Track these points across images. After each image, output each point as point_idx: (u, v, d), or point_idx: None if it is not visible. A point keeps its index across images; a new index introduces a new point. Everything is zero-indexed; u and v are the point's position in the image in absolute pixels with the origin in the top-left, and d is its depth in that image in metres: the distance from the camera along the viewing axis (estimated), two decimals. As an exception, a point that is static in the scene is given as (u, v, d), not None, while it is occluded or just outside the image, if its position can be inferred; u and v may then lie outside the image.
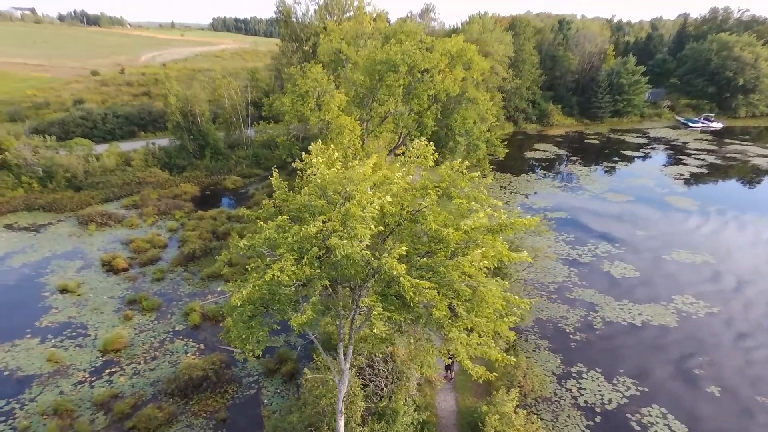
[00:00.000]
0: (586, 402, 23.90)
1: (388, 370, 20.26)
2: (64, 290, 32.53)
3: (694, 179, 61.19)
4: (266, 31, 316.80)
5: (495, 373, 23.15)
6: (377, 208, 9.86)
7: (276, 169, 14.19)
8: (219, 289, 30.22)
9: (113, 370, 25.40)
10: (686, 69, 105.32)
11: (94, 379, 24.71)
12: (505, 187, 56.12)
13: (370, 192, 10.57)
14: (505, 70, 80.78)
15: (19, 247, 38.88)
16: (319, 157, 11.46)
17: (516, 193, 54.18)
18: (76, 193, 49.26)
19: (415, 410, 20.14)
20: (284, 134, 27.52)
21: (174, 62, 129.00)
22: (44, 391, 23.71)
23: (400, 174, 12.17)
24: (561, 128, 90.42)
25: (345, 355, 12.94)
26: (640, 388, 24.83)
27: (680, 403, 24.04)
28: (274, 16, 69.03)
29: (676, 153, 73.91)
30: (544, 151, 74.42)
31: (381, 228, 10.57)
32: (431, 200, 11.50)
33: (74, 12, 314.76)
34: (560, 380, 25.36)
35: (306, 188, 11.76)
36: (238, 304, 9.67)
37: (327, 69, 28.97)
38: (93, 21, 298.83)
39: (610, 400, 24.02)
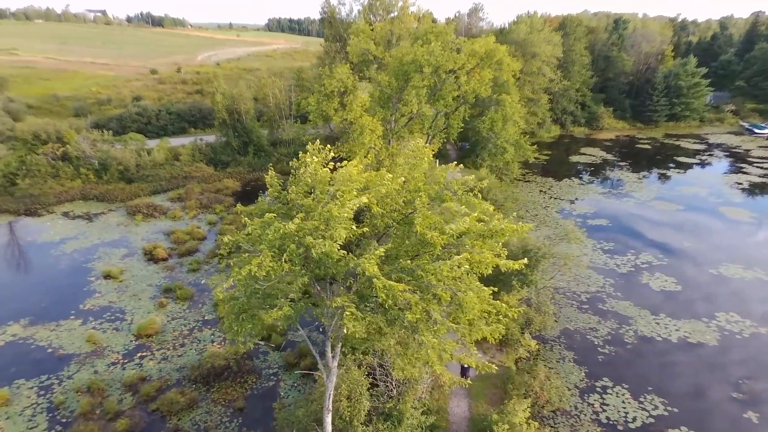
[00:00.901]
0: (608, 418, 22.92)
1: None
2: (107, 276, 34.57)
3: (754, 189, 57.15)
4: (319, 31, 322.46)
5: (512, 384, 22.87)
6: (352, 208, 9.93)
7: (272, 167, 14.54)
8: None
9: (144, 354, 26.77)
10: (754, 71, 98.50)
11: (126, 361, 26.15)
12: (545, 192, 54.55)
13: (355, 193, 10.66)
14: (553, 71, 78.45)
15: (73, 233, 41.64)
16: (314, 157, 11.67)
17: (555, 198, 52.54)
18: (127, 185, 52.21)
19: (423, 413, 20.03)
20: (308, 133, 28.04)
21: (227, 61, 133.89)
22: (81, 370, 25.32)
23: (390, 176, 12.18)
24: (611, 132, 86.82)
25: (333, 353, 13.09)
26: (668, 408, 23.53)
27: (712, 427, 22.60)
28: (319, 16, 70.22)
29: (737, 161, 69.28)
30: (590, 155, 71.74)
31: (366, 229, 10.63)
32: (421, 203, 11.42)
33: (141, 14, 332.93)
34: (583, 394, 24.44)
35: (294, 187, 12.03)
36: (220, 297, 10.01)
37: (355, 69, 29.35)
38: (157, 22, 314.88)
39: (634, 419, 22.92)
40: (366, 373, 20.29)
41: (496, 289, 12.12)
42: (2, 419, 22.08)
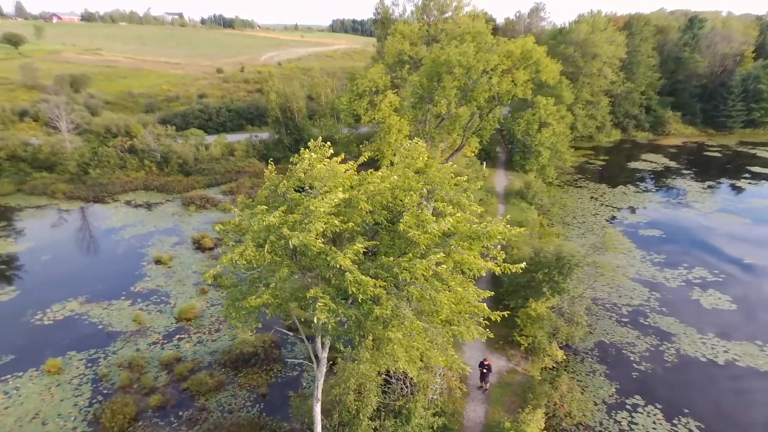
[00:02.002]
0: (635, 438, 21.81)
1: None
2: (158, 261, 36.94)
3: (838, 204, 51.86)
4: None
5: (532, 393, 22.29)
6: (330, 203, 10.21)
7: (272, 161, 15.10)
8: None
9: (182, 336, 28.44)
10: None
11: (165, 341, 27.91)
12: (596, 199, 52.32)
13: (340, 189, 10.93)
14: (615, 73, 75.00)
15: (132, 221, 44.82)
16: (312, 153, 12.08)
17: (607, 206, 50.27)
18: (185, 177, 55.42)
19: (435, 414, 19.99)
20: (342, 132, 28.63)
21: (288, 61, 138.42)
22: (125, 347, 27.32)
23: (380, 173, 12.33)
24: (678, 138, 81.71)
25: (322, 344, 13.45)
26: (704, 433, 22.03)
27: (752, 458, 20.94)
28: (373, 17, 71.08)
29: (821, 173, 63.14)
30: (651, 162, 67.94)
31: (351, 224, 10.89)
32: (411, 201, 11.49)
33: (214, 16, 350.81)
34: (610, 410, 23.36)
35: (285, 181, 12.49)
36: (209, 282, 10.64)
37: (389, 70, 29.63)
38: (228, 24, 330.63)
39: (664, 441, 21.66)
40: (381, 370, 20.51)
41: (490, 293, 11.89)
42: (54, 385, 24.28)
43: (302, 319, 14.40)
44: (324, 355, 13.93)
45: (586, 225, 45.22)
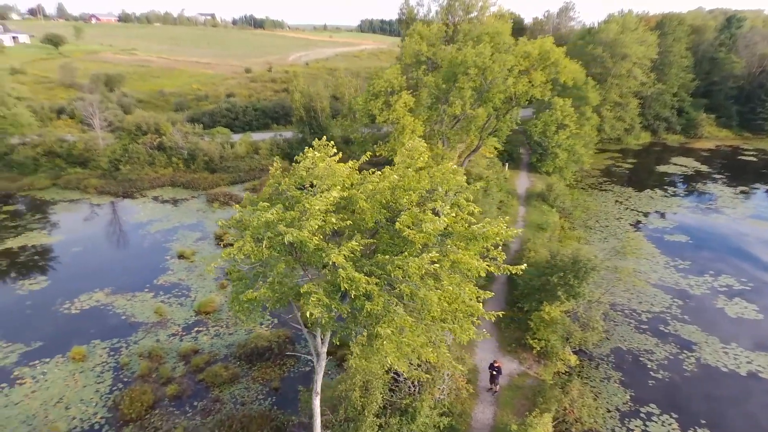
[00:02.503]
0: (647, 447, 21.38)
1: (418, 366, 20.43)
2: (181, 256, 38.02)
3: None
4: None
5: (542, 397, 22.09)
6: (324, 201, 10.43)
7: (277, 158, 15.45)
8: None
9: (200, 329, 29.24)
10: None
11: (184, 333, 28.75)
12: (620, 203, 51.18)
13: (339, 188, 11.15)
14: (645, 74, 73.09)
15: (159, 216, 46.21)
16: (316, 152, 12.34)
17: (631, 210, 49.13)
18: (210, 175, 56.76)
19: (442, 414, 20.05)
20: (359, 132, 28.90)
21: (315, 61, 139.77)
22: (146, 337, 28.27)
23: (379, 173, 12.49)
24: (711, 141, 79.09)
25: (322, 338, 13.70)
26: (721, 445, 21.42)
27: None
28: (397, 17, 71.18)
29: None
30: (682, 165, 65.98)
31: (349, 222, 11.09)
32: (410, 201, 11.60)
33: (245, 17, 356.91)
34: (623, 417, 22.93)
35: (286, 179, 12.78)
36: (212, 273, 11.06)
37: (407, 70, 29.67)
38: (259, 24, 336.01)
39: (678, 451, 21.16)
40: (392, 369, 20.66)
41: (490, 294, 11.89)
42: (78, 372, 25.35)
43: (305, 314, 14.63)
44: (323, 350, 14.21)
45: (609, 229, 44.32)
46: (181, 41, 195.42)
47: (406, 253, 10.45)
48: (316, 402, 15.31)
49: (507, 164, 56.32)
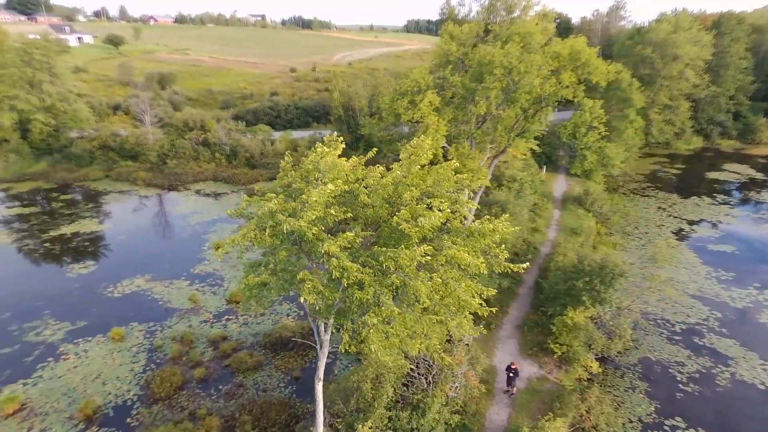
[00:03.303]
0: (669, 461, 20.66)
1: (433, 363, 20.63)
2: (217, 247, 39.48)
3: None
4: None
5: (559, 402, 21.77)
6: (322, 193, 10.84)
7: (289, 152, 16.01)
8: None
9: (230, 317, 30.49)
10: None
11: (214, 321, 30.06)
12: (663, 209, 49.18)
13: (340, 182, 11.55)
14: (698, 76, 69.75)
15: (200, 209, 48.30)
16: (325, 147, 12.82)
17: (674, 217, 47.12)
18: (250, 170, 58.74)
19: (455, 412, 20.14)
20: (386, 131, 29.23)
21: (359, 61, 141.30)
22: (179, 322, 29.77)
23: (381, 169, 12.77)
24: (770, 147, 74.47)
25: (325, 326, 14.12)
26: (750, 465, 20.41)
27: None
28: (438, 17, 70.92)
29: None
30: (735, 173, 62.54)
31: (349, 214, 11.49)
32: (410, 197, 11.84)
33: (294, 17, 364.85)
34: (646, 429, 22.20)
35: (293, 172, 13.29)
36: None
37: (435, 70, 29.73)
38: (307, 25, 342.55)
39: (702, 468, 20.33)
40: (412, 364, 20.88)
41: (493, 291, 11.96)
42: (116, 351, 27.05)
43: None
44: (326, 337, 14.66)
45: (648, 236, 42.72)
46: (231, 41, 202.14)
47: (402, 246, 10.74)
48: (319, 387, 15.83)
49: (545, 167, 55.26)
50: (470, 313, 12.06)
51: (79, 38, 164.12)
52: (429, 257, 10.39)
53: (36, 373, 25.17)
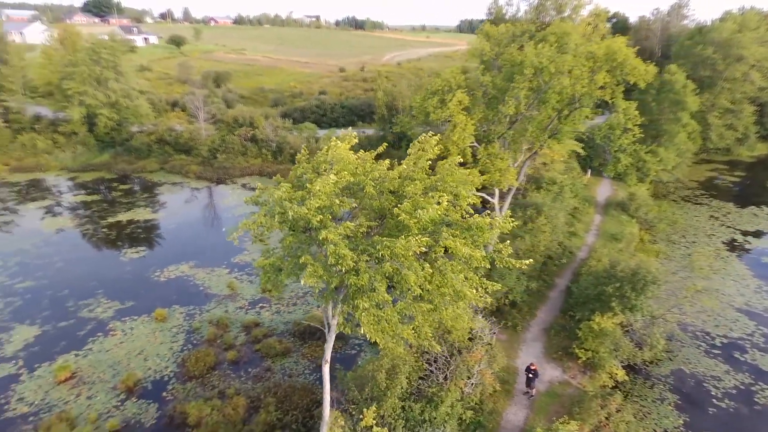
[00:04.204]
0: (694, 476, 19.94)
1: (451, 359, 20.89)
2: (257, 239, 41.35)
3: None
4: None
5: (579, 406, 21.49)
6: (325, 183, 11.47)
7: (305, 146, 16.76)
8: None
9: (263, 305, 31.89)
10: None
11: (249, 308, 31.55)
12: (716, 218, 46.69)
13: (346, 173, 12.15)
14: (765, 78, 65.49)
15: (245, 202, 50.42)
16: (339, 142, 13.49)
17: (728, 227, 44.63)
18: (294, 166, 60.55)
19: (469, 409, 20.35)
20: (417, 129, 29.42)
21: (408, 62, 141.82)
22: (217, 307, 31.47)
23: (387, 162, 13.22)
24: None
25: (333, 311, 14.73)
26: (783, 488, 19.36)
27: None
28: (485, 17, 70.39)
29: None
30: (802, 182, 58.27)
31: (354, 204, 12.08)
32: (414, 189, 12.24)
33: (347, 18, 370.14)
34: (671, 442, 21.54)
35: (305, 164, 14.01)
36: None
37: (468, 70, 29.76)
38: (360, 25, 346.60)
39: (728, 486, 19.49)
40: (413, 354, 21.28)
41: (498, 286, 12.17)
42: (158, 330, 29.01)
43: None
44: (333, 322, 15.32)
45: (696, 245, 40.75)
46: (286, 42, 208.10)
47: (403, 236, 11.22)
48: (325, 369, 16.55)
49: (590, 171, 53.70)
50: (489, 310, 12.40)
51: (145, 39, 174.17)
52: (424, 248, 10.82)
53: (87, 346, 27.45)
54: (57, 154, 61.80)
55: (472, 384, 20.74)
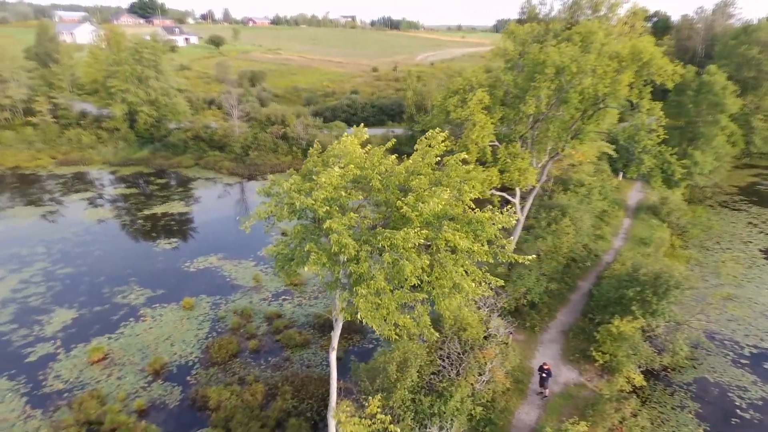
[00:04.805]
0: (710, 486, 19.47)
1: (464, 355, 21.08)
2: (283, 233, 42.30)
3: None
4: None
5: (593, 408, 21.33)
6: (330, 176, 11.94)
7: (317, 141, 17.30)
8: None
9: (286, 298, 32.80)
10: None
11: (272, 299, 32.52)
12: (754, 225, 44.87)
13: (352, 166, 12.60)
14: (814, 79, 62.28)
15: (273, 197, 51.71)
16: (349, 137, 13.98)
17: (766, 234, 42.81)
18: (323, 164, 61.64)
19: (479, 405, 20.49)
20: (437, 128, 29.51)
21: (441, 62, 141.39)
22: (242, 298, 32.57)
23: (393, 157, 13.58)
24: None
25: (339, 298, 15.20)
26: (806, 503, 18.68)
27: None
28: (518, 16, 69.60)
29: None
30: None
31: (360, 196, 12.52)
32: (419, 183, 12.56)
33: (383, 18, 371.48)
34: (689, 450, 21.07)
35: (315, 157, 14.55)
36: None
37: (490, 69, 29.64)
38: (395, 25, 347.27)
39: (747, 497, 18.96)
40: (444, 354, 21.55)
41: (501, 282, 12.40)
42: (185, 318, 30.29)
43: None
44: (339, 310, 15.80)
45: (730, 252, 39.31)
46: (321, 42, 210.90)
47: (405, 229, 11.60)
48: (332, 356, 17.06)
49: (621, 173, 52.45)
50: (507, 310, 12.61)
51: (186, 39, 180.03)
52: (423, 240, 11.16)
53: (119, 330, 28.97)
54: (100, 149, 64.96)
55: (484, 381, 20.86)
